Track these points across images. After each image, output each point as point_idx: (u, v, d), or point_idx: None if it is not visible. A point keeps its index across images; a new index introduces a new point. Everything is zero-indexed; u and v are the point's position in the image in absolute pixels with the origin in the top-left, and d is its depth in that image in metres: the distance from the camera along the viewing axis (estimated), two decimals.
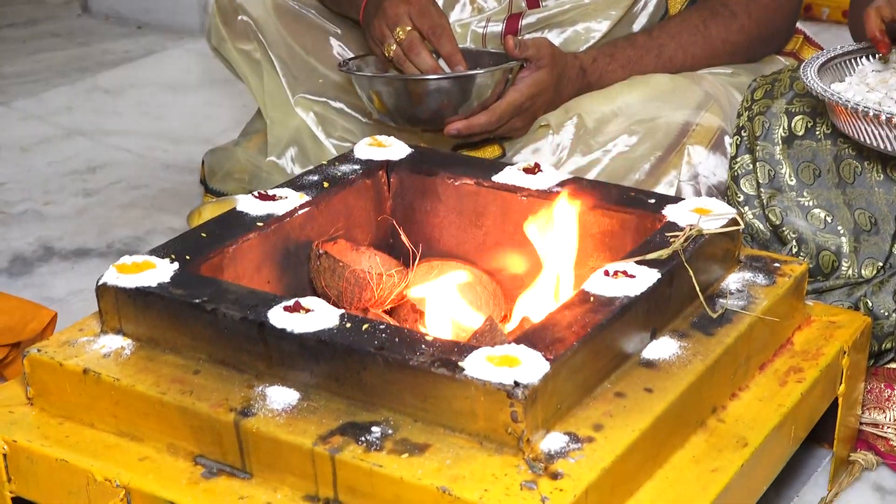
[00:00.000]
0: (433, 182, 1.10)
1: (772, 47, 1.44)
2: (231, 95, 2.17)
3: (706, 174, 1.24)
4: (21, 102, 2.23)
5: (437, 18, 1.29)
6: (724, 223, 0.97)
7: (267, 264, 1.02)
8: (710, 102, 1.27)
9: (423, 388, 0.80)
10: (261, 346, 0.86)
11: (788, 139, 1.16)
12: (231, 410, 0.83)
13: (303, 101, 1.50)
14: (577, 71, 1.32)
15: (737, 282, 0.99)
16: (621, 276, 0.89)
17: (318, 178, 1.09)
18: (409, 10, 1.28)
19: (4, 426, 0.90)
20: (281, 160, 1.51)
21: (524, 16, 1.40)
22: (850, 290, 1.11)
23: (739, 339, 0.92)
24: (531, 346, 0.81)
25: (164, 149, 2.02)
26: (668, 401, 0.84)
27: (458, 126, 1.28)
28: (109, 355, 0.90)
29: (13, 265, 1.65)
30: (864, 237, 1.12)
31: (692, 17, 1.37)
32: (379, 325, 0.85)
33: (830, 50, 1.16)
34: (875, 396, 1.10)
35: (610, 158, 1.27)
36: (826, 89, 1.04)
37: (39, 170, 1.95)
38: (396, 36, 1.28)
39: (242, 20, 1.52)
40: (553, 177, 1.07)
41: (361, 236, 1.11)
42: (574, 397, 0.83)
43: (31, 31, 2.62)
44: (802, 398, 0.93)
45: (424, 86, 1.26)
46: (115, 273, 0.93)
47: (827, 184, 1.14)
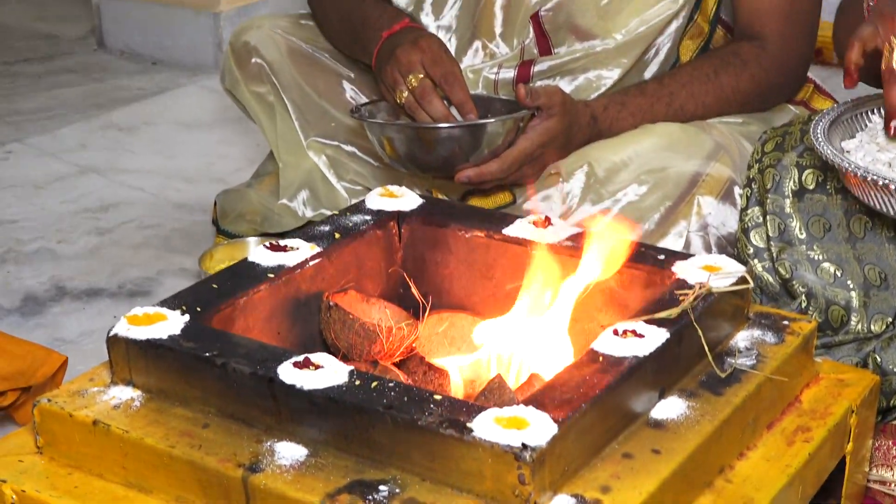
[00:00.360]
0: (444, 234, 1.11)
1: (782, 96, 1.45)
2: (244, 133, 2.19)
3: (716, 225, 1.25)
4: (35, 139, 2.26)
5: (449, 66, 1.30)
6: (734, 281, 0.97)
7: (277, 316, 1.03)
8: (721, 153, 1.28)
9: (431, 448, 0.80)
10: (270, 402, 0.86)
11: (799, 193, 1.17)
12: (239, 466, 0.84)
13: (315, 145, 1.52)
14: (588, 119, 1.34)
15: (746, 339, 0.99)
16: (630, 335, 0.89)
17: (329, 229, 1.09)
18: (422, 58, 1.30)
19: (14, 475, 0.90)
20: (293, 203, 1.53)
21: (536, 63, 1.42)
22: (859, 345, 1.11)
23: (748, 399, 0.92)
24: (539, 408, 0.81)
25: (177, 188, 2.04)
26: (675, 462, 0.84)
27: (469, 174, 1.29)
28: (119, 407, 0.91)
29: (25, 305, 1.67)
30: (874, 292, 1.12)
31: (703, 65, 1.38)
32: (388, 382, 0.85)
33: (840, 106, 1.16)
34: (883, 454, 1.10)
35: (620, 208, 1.28)
36: (836, 154, 1.04)
37: (53, 208, 1.97)
38: (409, 83, 1.30)
39: (256, 63, 1.54)
40: (563, 231, 1.07)
41: (372, 287, 1.11)
42: (582, 459, 0.83)
43: (46, 67, 2.65)
44: (810, 458, 0.93)
45: (436, 134, 1.27)
46: (126, 324, 0.94)
47: (837, 238, 1.15)
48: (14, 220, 1.92)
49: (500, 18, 1.44)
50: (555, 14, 1.39)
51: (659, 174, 1.28)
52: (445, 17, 1.48)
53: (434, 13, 1.48)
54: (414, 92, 1.30)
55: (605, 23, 1.38)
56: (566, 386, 0.84)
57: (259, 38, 1.53)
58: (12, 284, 1.72)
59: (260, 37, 1.53)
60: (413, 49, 1.31)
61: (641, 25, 1.38)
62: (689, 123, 1.35)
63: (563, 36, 1.40)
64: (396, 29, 1.35)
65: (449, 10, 1.47)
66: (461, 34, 1.47)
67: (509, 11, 1.43)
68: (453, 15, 1.47)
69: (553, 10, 1.39)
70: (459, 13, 1.47)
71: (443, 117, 1.28)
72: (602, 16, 1.38)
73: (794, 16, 1.37)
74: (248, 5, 2.64)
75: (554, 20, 1.40)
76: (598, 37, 1.39)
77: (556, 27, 1.40)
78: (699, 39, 1.43)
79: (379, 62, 1.36)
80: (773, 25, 1.37)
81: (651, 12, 1.37)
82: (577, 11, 1.38)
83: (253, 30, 1.54)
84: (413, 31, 1.34)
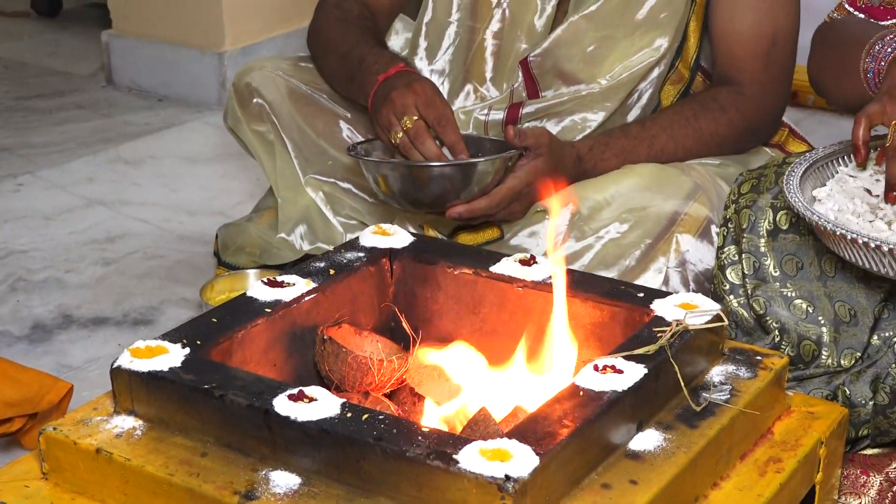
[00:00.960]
0: (433, 270, 1.14)
1: (759, 140, 1.48)
2: (245, 168, 2.22)
3: (693, 262, 1.28)
4: (46, 172, 2.29)
5: (442, 109, 1.33)
6: (709, 319, 1.00)
7: (274, 348, 1.06)
8: (699, 193, 1.31)
9: (419, 479, 0.83)
10: (265, 432, 0.89)
11: (773, 232, 1.20)
12: (235, 493, 0.86)
13: (313, 182, 1.55)
14: (573, 159, 1.37)
15: (720, 374, 1.02)
16: (609, 370, 0.92)
17: (324, 265, 1.13)
18: (416, 101, 1.33)
19: (19, 500, 0.93)
20: (291, 237, 1.56)
21: (524, 105, 1.45)
22: (830, 378, 1.15)
23: (722, 432, 0.95)
24: (522, 440, 0.84)
25: (180, 220, 2.07)
26: (652, 492, 0.87)
27: (460, 210, 1.32)
28: (121, 435, 0.93)
29: (34, 332, 1.70)
30: (844, 328, 1.16)
31: (684, 110, 1.42)
32: (378, 415, 0.88)
33: (811, 154, 1.19)
34: (851, 482, 1.13)
35: (602, 244, 1.31)
36: (807, 207, 1.07)
37: (61, 239, 2.00)
38: (404, 125, 1.33)
39: (258, 103, 1.57)
40: (548, 269, 1.11)
41: (365, 321, 1.15)
42: (562, 489, 0.86)
43: (57, 103, 2.68)
44: (781, 487, 0.96)
45: (428, 172, 1.31)
46: (129, 357, 0.96)
47: (809, 276, 1.18)
48: (24, 249, 1.95)
49: (490, 64, 1.48)
50: (543, 59, 1.43)
51: (640, 213, 1.31)
52: (438, 62, 1.52)
53: (428, 58, 1.53)
54: (408, 133, 1.33)
55: (590, 68, 1.42)
56: (548, 419, 0.87)
57: (260, 79, 1.56)
58: (21, 312, 1.75)
59: (261, 78, 1.56)
60: (408, 92, 1.34)
61: (625, 72, 1.41)
62: (669, 165, 1.38)
63: (550, 80, 1.44)
64: (392, 73, 1.38)
65: (442, 55, 1.51)
66: (454, 78, 1.51)
67: (499, 57, 1.47)
68: (446, 60, 1.51)
69: (541, 55, 1.43)
70: (452, 58, 1.51)
71: (435, 157, 1.32)
72: (588, 62, 1.42)
73: (771, 63, 1.41)
74: (250, 45, 2.67)
75: (542, 65, 1.44)
76: (583, 82, 1.43)
77: (543, 72, 1.44)
78: (680, 85, 1.47)
79: (375, 104, 1.39)
80: (750, 72, 1.41)
81: (634, 59, 1.41)
82: (563, 57, 1.42)
83: (255, 71, 1.57)
84: (407, 75, 1.38)
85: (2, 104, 2.69)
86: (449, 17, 1.49)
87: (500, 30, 1.46)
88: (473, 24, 1.48)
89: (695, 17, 1.44)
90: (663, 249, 1.28)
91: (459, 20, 1.49)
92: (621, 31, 1.41)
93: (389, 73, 1.38)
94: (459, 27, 1.49)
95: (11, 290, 1.82)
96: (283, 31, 2.74)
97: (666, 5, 1.41)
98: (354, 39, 1.48)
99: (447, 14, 1.49)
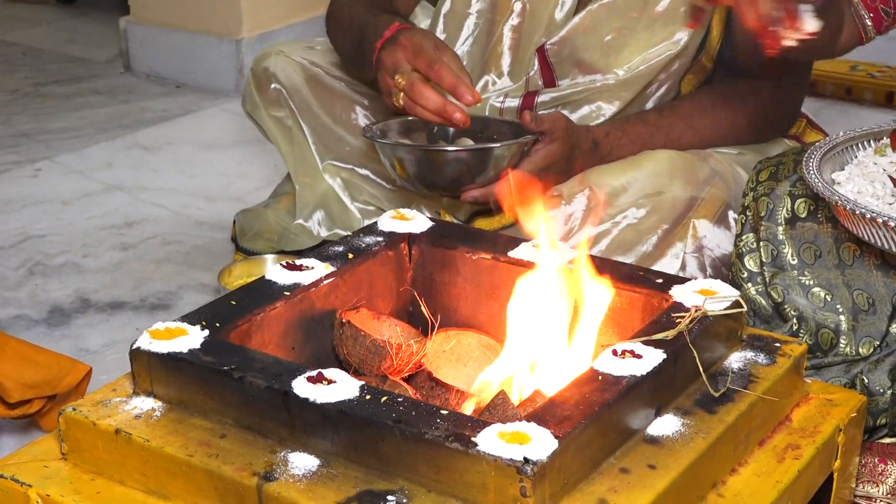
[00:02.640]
0: (452, 255, 1.14)
1: (777, 131, 1.47)
2: (263, 154, 2.23)
3: (710, 247, 1.27)
4: (64, 157, 2.31)
5: (432, 54, 1.27)
6: (728, 305, 1.00)
7: (292, 331, 1.06)
8: (716, 178, 1.31)
9: (438, 461, 0.83)
10: (284, 414, 0.90)
11: (791, 220, 1.20)
12: (254, 475, 0.87)
13: (330, 168, 1.55)
14: (589, 144, 1.37)
15: (739, 361, 1.02)
16: (628, 355, 0.92)
17: (343, 249, 1.13)
18: (405, 54, 1.28)
19: (39, 480, 0.93)
20: (308, 223, 1.57)
21: (540, 93, 1.45)
22: (848, 366, 1.14)
23: (740, 418, 0.95)
24: (541, 424, 0.84)
25: (198, 206, 2.08)
26: (670, 477, 0.87)
27: (475, 194, 1.32)
28: (140, 416, 0.94)
29: (52, 316, 1.72)
30: (862, 317, 1.15)
31: (702, 99, 1.41)
32: (397, 397, 0.88)
33: (831, 139, 1.19)
34: (869, 470, 1.13)
35: (619, 230, 1.31)
36: (827, 187, 1.07)
37: (79, 224, 2.02)
38: (398, 84, 1.28)
39: (276, 88, 1.58)
40: (566, 254, 1.11)
41: (383, 305, 1.15)
42: (580, 473, 0.86)
43: (75, 88, 2.70)
44: (799, 474, 0.96)
45: (444, 155, 1.30)
46: (149, 338, 0.97)
47: (827, 264, 1.18)
48: (42, 234, 1.97)
49: (508, 58, 1.47)
50: (560, 48, 1.43)
51: (657, 198, 1.30)
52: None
53: None
54: (404, 90, 1.28)
55: (607, 59, 1.41)
56: (567, 403, 0.87)
57: (278, 65, 1.56)
58: (40, 296, 1.76)
59: (279, 64, 1.56)
60: (394, 48, 1.28)
61: (643, 64, 1.40)
62: (687, 151, 1.38)
63: (566, 69, 1.44)
64: (387, 36, 1.33)
65: (460, 47, 1.49)
66: (471, 69, 1.50)
67: (518, 51, 1.46)
68: (464, 51, 1.50)
69: (558, 43, 1.43)
70: (471, 49, 1.50)
71: (438, 106, 1.26)
72: (605, 52, 1.41)
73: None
74: (268, 32, 2.68)
75: (559, 53, 1.43)
76: (600, 72, 1.42)
77: (560, 60, 1.43)
78: (701, 75, 1.46)
79: (375, 73, 1.35)
80: (770, 64, 1.40)
81: (653, 51, 1.40)
82: (581, 46, 1.42)
83: (273, 57, 1.58)
84: (400, 32, 1.32)
85: (20, 90, 2.71)
86: (468, 9, 1.48)
87: (520, 23, 1.45)
88: (493, 16, 1.47)
89: (718, 9, 1.43)
90: (680, 235, 1.28)
91: (479, 12, 1.48)
92: (641, 23, 1.40)
93: (385, 37, 1.33)
94: (479, 19, 1.48)
95: (30, 275, 1.84)
96: (301, 19, 2.75)
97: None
98: (360, 13, 1.45)
99: (466, 5, 1.49)
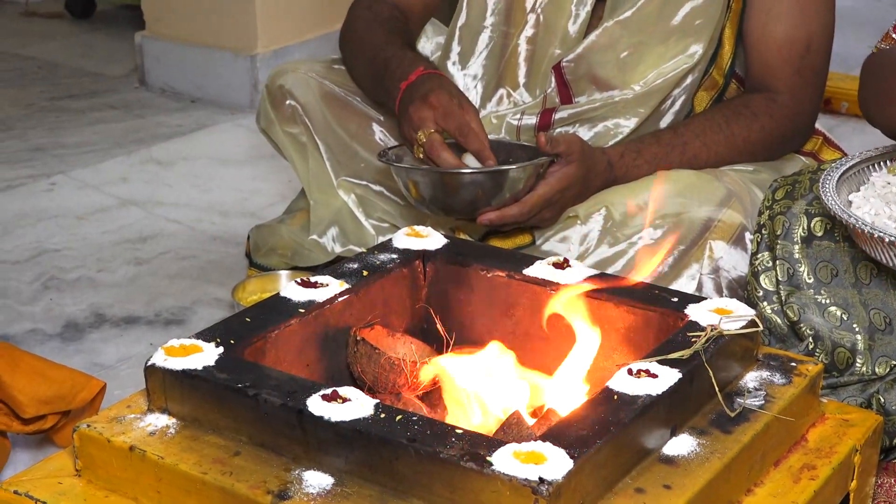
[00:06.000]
0: (467, 273, 1.14)
1: (791, 147, 1.48)
2: (277, 170, 2.24)
3: (727, 268, 1.27)
4: (79, 172, 2.32)
5: (461, 118, 1.32)
6: (744, 324, 1.00)
7: (307, 349, 1.06)
8: (732, 199, 1.31)
9: (452, 480, 0.83)
10: (299, 432, 0.90)
11: (807, 239, 1.20)
12: (268, 493, 0.86)
13: (345, 184, 1.56)
14: (604, 165, 1.37)
15: (754, 380, 1.02)
16: (644, 375, 0.92)
17: (357, 266, 1.13)
18: (434, 115, 1.33)
19: (53, 496, 0.93)
20: (322, 239, 1.57)
21: (557, 111, 1.45)
22: (864, 386, 1.14)
23: (756, 438, 0.94)
24: (556, 443, 0.84)
25: (213, 221, 2.09)
26: (686, 497, 0.87)
27: (491, 217, 1.32)
28: (155, 433, 0.94)
29: (66, 331, 1.72)
30: (879, 336, 1.15)
31: (716, 116, 1.41)
32: (412, 416, 0.88)
33: (847, 159, 1.19)
34: (885, 491, 1.12)
35: (635, 251, 1.31)
36: (843, 209, 1.07)
37: (94, 238, 2.02)
38: (419, 139, 1.33)
39: (290, 105, 1.58)
40: (581, 272, 1.11)
41: (397, 322, 1.15)
42: (596, 493, 0.86)
43: (90, 103, 2.72)
44: (815, 495, 0.95)
45: (459, 179, 1.30)
46: (163, 355, 0.97)
47: (843, 283, 1.17)
48: (57, 249, 1.98)
49: (523, 69, 1.48)
50: (576, 65, 1.43)
51: (673, 219, 1.31)
52: (472, 67, 1.52)
53: (461, 62, 1.53)
54: (424, 147, 1.33)
55: (623, 75, 1.42)
56: (582, 423, 0.87)
57: (294, 81, 1.57)
58: (54, 311, 1.77)
59: (294, 80, 1.57)
60: (424, 106, 1.33)
61: (659, 78, 1.41)
62: (703, 171, 1.38)
63: (583, 86, 1.44)
64: (412, 79, 1.37)
65: (475, 60, 1.51)
66: (486, 82, 1.51)
67: (533, 63, 1.47)
68: (480, 64, 1.51)
69: (574, 61, 1.43)
70: (486, 62, 1.51)
71: (454, 168, 1.30)
72: (621, 68, 1.42)
73: (804, 70, 1.41)
74: (283, 48, 2.70)
75: (575, 71, 1.44)
76: (617, 88, 1.43)
77: (577, 77, 1.44)
78: (713, 91, 1.47)
79: (399, 116, 1.39)
80: (783, 79, 1.40)
81: (668, 66, 1.41)
82: (597, 63, 1.42)
83: (288, 73, 1.58)
84: (427, 82, 1.36)
85: (35, 104, 2.72)
86: (483, 22, 1.49)
87: (534, 35, 1.46)
88: (507, 29, 1.48)
89: (730, 24, 1.44)
90: (697, 256, 1.28)
91: (493, 25, 1.49)
92: (656, 38, 1.41)
93: (410, 80, 1.38)
94: (493, 32, 1.50)
95: (44, 289, 1.84)
96: (316, 35, 2.76)
97: (701, 12, 1.41)
98: (381, 42, 1.48)
99: (481, 19, 1.50)
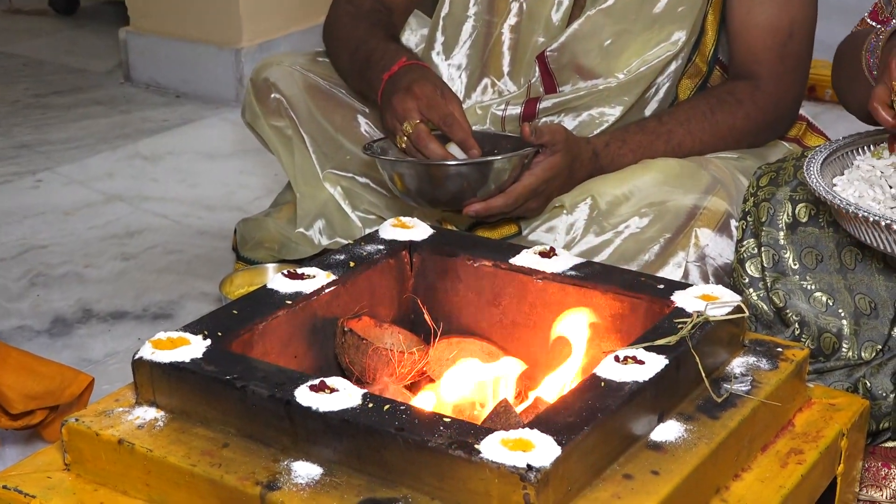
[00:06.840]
0: (454, 263, 1.15)
1: (776, 133, 1.48)
2: (263, 164, 2.24)
3: (713, 256, 1.28)
4: (65, 168, 2.31)
5: (445, 108, 1.32)
6: (730, 310, 1.00)
7: (294, 340, 1.06)
8: (717, 187, 1.31)
9: (441, 469, 0.84)
10: (287, 423, 0.90)
11: (792, 225, 1.20)
12: (257, 484, 0.87)
13: (331, 176, 1.55)
14: (590, 155, 1.37)
15: (741, 366, 1.02)
16: (631, 361, 0.93)
17: (344, 258, 1.13)
18: (418, 105, 1.33)
19: (42, 491, 0.93)
20: (309, 231, 1.57)
21: (541, 100, 1.45)
22: (850, 371, 1.14)
23: (743, 423, 0.95)
24: (544, 431, 0.84)
25: (199, 216, 2.09)
26: (673, 483, 0.87)
27: (477, 208, 1.32)
28: (143, 426, 0.94)
29: (54, 326, 1.72)
30: (864, 321, 1.16)
31: (700, 104, 1.42)
32: (399, 405, 0.88)
33: (831, 144, 1.19)
34: (872, 474, 1.13)
35: (621, 239, 1.31)
36: (829, 190, 1.07)
37: (81, 234, 2.02)
38: (405, 130, 1.33)
39: (276, 98, 1.58)
40: (567, 261, 1.11)
41: (385, 313, 1.15)
42: (584, 479, 0.86)
43: (76, 99, 2.71)
44: (803, 479, 0.96)
45: (445, 170, 1.30)
46: (151, 348, 0.97)
47: (828, 269, 1.18)
48: (44, 245, 1.98)
49: (507, 58, 1.48)
50: (560, 54, 1.43)
51: (659, 207, 1.31)
52: (456, 57, 1.52)
53: (445, 52, 1.53)
54: (410, 138, 1.33)
55: (607, 63, 1.42)
56: (569, 410, 0.87)
57: (278, 74, 1.57)
58: (41, 307, 1.77)
59: (279, 73, 1.57)
60: (408, 97, 1.33)
61: (642, 66, 1.41)
62: (688, 159, 1.38)
63: (567, 75, 1.44)
64: (395, 70, 1.37)
65: (459, 50, 1.51)
66: (471, 72, 1.51)
67: (517, 52, 1.47)
68: (463, 54, 1.52)
69: (558, 50, 1.44)
70: (469, 52, 1.51)
71: (440, 158, 1.31)
72: (605, 56, 1.42)
73: (788, 56, 1.41)
74: (267, 41, 2.69)
75: (559, 60, 1.44)
76: (601, 76, 1.43)
77: (560, 67, 1.44)
78: (697, 79, 1.47)
79: (382, 106, 1.39)
80: (767, 65, 1.41)
81: (651, 53, 1.41)
82: (581, 52, 1.42)
83: (273, 66, 1.58)
84: (410, 73, 1.36)
85: (20, 101, 2.71)
86: (467, 12, 1.50)
87: (518, 23, 1.46)
88: (491, 18, 1.48)
89: (712, 11, 1.44)
90: (682, 244, 1.28)
91: (476, 14, 1.49)
92: (638, 25, 1.41)
93: (393, 71, 1.38)
94: (476, 21, 1.50)
95: (31, 285, 1.84)
96: (300, 28, 2.76)
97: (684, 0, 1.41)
98: (363, 35, 1.48)
99: (465, 8, 1.50)
